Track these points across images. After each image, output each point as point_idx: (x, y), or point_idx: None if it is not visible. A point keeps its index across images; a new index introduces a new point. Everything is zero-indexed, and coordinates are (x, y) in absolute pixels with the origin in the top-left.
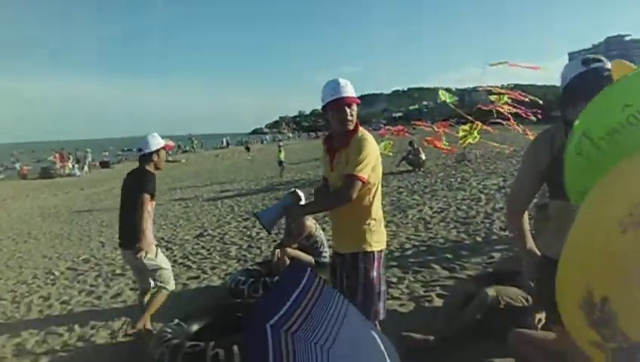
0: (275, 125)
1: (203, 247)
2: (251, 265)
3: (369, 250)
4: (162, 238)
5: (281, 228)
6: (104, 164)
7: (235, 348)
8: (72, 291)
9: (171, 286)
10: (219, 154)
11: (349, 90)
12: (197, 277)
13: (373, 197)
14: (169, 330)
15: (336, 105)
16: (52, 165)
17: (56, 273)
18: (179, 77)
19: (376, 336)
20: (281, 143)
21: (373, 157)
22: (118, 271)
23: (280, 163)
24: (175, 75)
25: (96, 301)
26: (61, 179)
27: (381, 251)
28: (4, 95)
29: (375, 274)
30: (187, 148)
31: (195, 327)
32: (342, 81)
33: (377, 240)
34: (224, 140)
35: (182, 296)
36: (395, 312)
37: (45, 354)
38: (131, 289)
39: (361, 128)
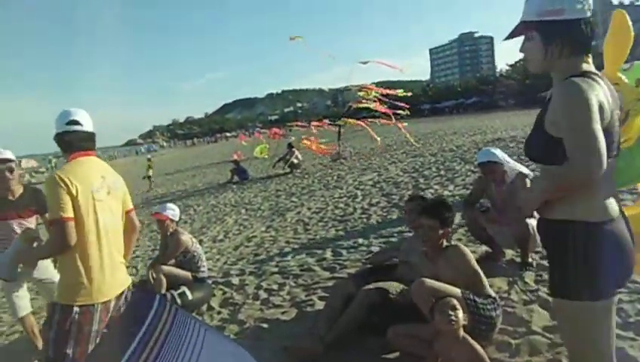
0: (148, 135)
1: None
2: None
3: (63, 302)
4: None
5: None
6: None
7: None
8: None
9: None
10: None
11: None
12: None
13: (84, 238)
14: None
15: None
16: None
17: None
18: (38, 91)
19: (240, 360)
20: (149, 157)
21: (60, 189)
22: None
23: (148, 177)
24: (34, 89)
25: None
26: None
27: (86, 306)
28: None
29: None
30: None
31: None
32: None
33: (77, 293)
34: None
35: None
36: (278, 321)
37: None
38: None
39: (63, 166)
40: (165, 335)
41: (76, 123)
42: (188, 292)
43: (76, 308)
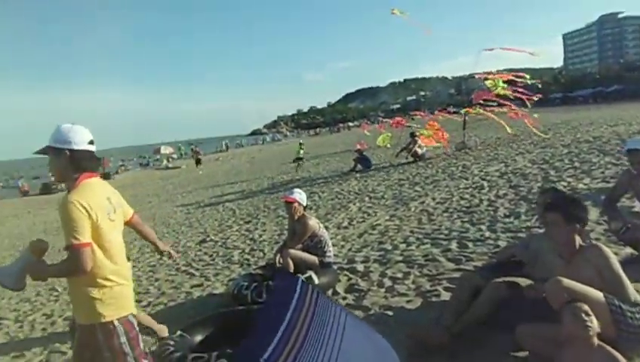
0: (273, 125)
1: (206, 253)
2: (254, 269)
3: (103, 320)
4: None
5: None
6: (105, 176)
7: None
8: None
9: None
10: (219, 157)
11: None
12: (200, 285)
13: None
14: (171, 342)
15: None
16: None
17: (59, 289)
18: (177, 84)
19: (377, 346)
20: (301, 141)
21: (80, 215)
22: None
23: (299, 159)
24: (173, 82)
25: None
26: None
27: (124, 317)
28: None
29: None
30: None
31: (198, 338)
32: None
33: (114, 307)
34: (224, 143)
35: (185, 306)
36: (403, 309)
37: None
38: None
39: (75, 189)
40: (310, 318)
41: (93, 143)
42: (314, 277)
43: (116, 322)
